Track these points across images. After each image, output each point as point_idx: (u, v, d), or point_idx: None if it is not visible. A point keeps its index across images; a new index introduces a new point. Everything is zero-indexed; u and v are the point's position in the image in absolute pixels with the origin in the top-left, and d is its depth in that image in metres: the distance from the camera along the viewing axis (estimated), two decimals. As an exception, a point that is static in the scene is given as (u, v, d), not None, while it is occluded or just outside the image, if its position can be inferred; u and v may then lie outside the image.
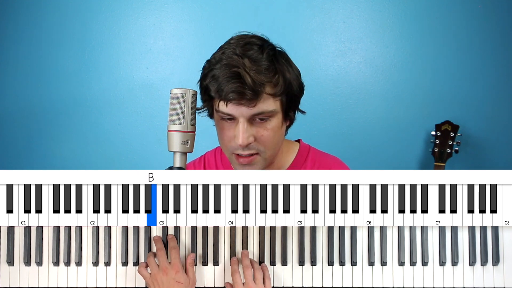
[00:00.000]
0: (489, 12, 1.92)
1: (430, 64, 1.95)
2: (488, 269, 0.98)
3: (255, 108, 1.01)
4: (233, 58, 1.02)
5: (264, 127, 1.04)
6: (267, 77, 1.01)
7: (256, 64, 1.01)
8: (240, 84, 0.99)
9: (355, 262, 0.98)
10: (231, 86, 0.99)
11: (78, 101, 2.03)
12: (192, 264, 0.98)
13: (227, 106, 1.01)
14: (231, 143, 1.06)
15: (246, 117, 1.02)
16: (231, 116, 1.03)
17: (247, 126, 1.03)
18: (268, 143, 1.06)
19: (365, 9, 1.96)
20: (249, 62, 1.01)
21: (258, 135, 1.04)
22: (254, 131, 1.04)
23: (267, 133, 1.05)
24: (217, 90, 1.01)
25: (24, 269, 0.98)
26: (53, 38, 2.02)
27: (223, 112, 1.03)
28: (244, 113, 1.02)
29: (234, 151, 1.07)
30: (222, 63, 1.02)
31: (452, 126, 1.87)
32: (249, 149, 1.05)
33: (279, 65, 1.05)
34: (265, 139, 1.05)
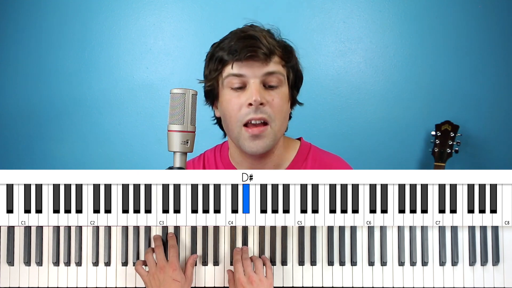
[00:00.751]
0: (489, 12, 1.92)
1: (430, 64, 1.95)
2: (488, 269, 0.98)
3: (268, 66, 1.06)
4: (243, 28, 1.11)
5: (274, 94, 1.08)
6: (278, 44, 1.10)
7: (267, 33, 1.10)
8: (254, 41, 1.05)
9: (355, 262, 0.98)
10: (246, 44, 1.05)
11: (78, 101, 2.03)
12: (192, 264, 0.98)
13: (242, 63, 1.05)
14: (242, 110, 1.07)
15: (259, 77, 1.06)
16: (243, 77, 1.06)
17: (259, 87, 1.06)
18: (278, 111, 1.08)
19: (365, 9, 1.96)
20: (260, 30, 1.10)
21: (269, 99, 1.07)
22: (265, 94, 1.07)
23: (277, 99, 1.08)
24: (230, 51, 1.06)
25: (24, 269, 0.98)
26: (53, 38, 2.02)
27: (235, 73, 1.06)
28: (257, 73, 1.06)
29: (245, 118, 1.07)
30: (233, 33, 1.10)
31: (452, 126, 1.87)
32: (261, 112, 1.06)
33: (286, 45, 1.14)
34: (276, 104, 1.08)
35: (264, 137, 1.08)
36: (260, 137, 1.07)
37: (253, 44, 1.05)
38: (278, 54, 1.09)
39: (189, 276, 0.96)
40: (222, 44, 1.10)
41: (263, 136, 1.07)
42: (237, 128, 1.09)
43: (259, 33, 1.07)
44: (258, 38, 1.05)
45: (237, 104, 1.07)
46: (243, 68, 1.05)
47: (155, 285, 0.93)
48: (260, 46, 1.05)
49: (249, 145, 1.08)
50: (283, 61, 1.10)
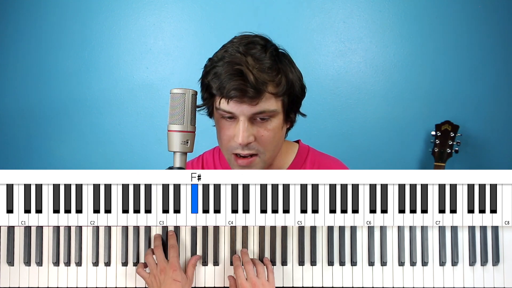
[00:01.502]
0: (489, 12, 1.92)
1: (430, 64, 1.95)
2: (488, 269, 0.98)
3: (256, 106, 1.00)
4: (236, 56, 1.01)
5: (265, 127, 1.04)
6: (270, 76, 1.01)
7: (259, 63, 1.01)
8: (242, 81, 0.98)
9: (355, 262, 0.98)
10: (233, 84, 0.98)
11: (78, 101, 2.03)
12: (194, 264, 0.98)
13: (229, 103, 1.01)
14: (231, 142, 1.05)
15: (247, 115, 1.01)
16: (232, 114, 1.02)
17: (248, 125, 1.02)
18: (268, 144, 1.06)
19: (365, 9, 1.96)
20: (252, 60, 1.00)
21: (259, 135, 1.04)
22: (254, 131, 1.03)
23: (267, 133, 1.04)
24: (218, 88, 1.01)
25: (24, 269, 0.98)
26: (53, 38, 2.02)
27: (224, 110, 1.02)
28: (245, 112, 1.01)
29: (233, 151, 1.06)
30: (225, 61, 1.02)
31: (452, 126, 1.87)
32: (249, 149, 1.04)
33: (282, 65, 1.04)
34: (265, 139, 1.05)
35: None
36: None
37: (239, 85, 0.98)
38: (269, 90, 1.01)
39: (190, 277, 0.96)
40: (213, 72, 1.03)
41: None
42: (227, 154, 1.09)
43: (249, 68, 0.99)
44: (246, 77, 0.98)
45: (226, 135, 1.05)
46: (231, 106, 1.01)
47: (156, 286, 0.93)
48: (247, 88, 0.97)
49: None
50: (275, 95, 1.03)
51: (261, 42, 1.05)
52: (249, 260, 0.96)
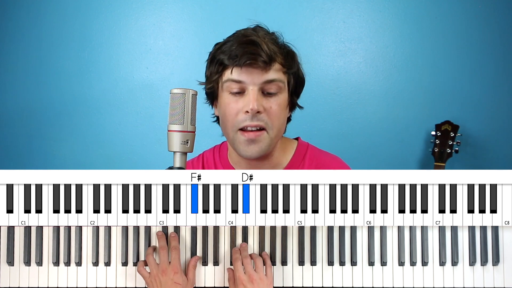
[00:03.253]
0: (489, 12, 1.92)
1: (430, 64, 1.95)
2: (488, 269, 0.98)
3: (267, 74, 1.04)
4: (246, 30, 1.09)
5: (273, 101, 1.07)
6: (280, 49, 1.08)
7: (269, 36, 1.09)
8: (255, 47, 1.03)
9: (355, 262, 0.98)
10: (246, 50, 1.03)
11: (78, 101, 2.03)
12: (194, 266, 0.97)
13: (241, 70, 1.04)
14: (239, 115, 1.06)
15: (257, 84, 1.05)
16: (242, 83, 1.05)
17: (258, 95, 1.05)
18: (275, 118, 1.08)
19: (365, 9, 1.96)
20: (263, 33, 1.08)
21: (267, 106, 1.07)
22: (263, 102, 1.06)
23: (275, 106, 1.07)
24: (231, 56, 1.05)
25: (24, 269, 0.98)
26: (53, 38, 2.02)
27: (234, 79, 1.05)
28: (256, 80, 1.05)
29: (241, 124, 1.07)
30: (235, 35, 1.09)
31: (452, 126, 1.87)
32: (258, 119, 1.06)
33: (288, 47, 1.12)
34: (273, 112, 1.07)
35: (259, 142, 1.08)
36: (255, 141, 1.07)
37: (253, 51, 1.03)
38: (278, 61, 1.07)
39: (191, 279, 0.96)
40: (224, 46, 1.08)
41: (259, 140, 1.08)
42: (232, 132, 1.09)
43: (261, 38, 1.05)
44: (259, 44, 1.04)
45: (234, 109, 1.07)
46: (242, 74, 1.05)
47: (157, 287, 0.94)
48: (260, 53, 1.03)
49: (244, 149, 1.09)
50: (284, 68, 1.08)
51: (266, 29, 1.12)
52: (247, 254, 0.97)
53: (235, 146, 1.11)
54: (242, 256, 0.96)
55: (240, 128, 1.07)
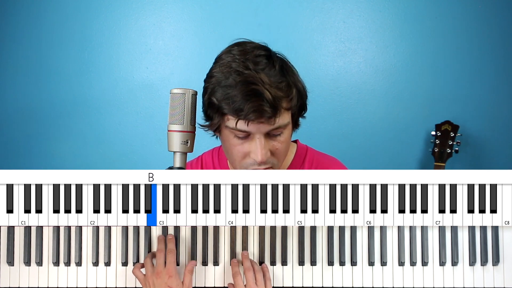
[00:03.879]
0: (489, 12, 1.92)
1: (430, 64, 1.95)
2: (488, 269, 0.98)
3: (274, 124, 0.99)
4: (247, 73, 0.97)
5: (279, 140, 1.03)
6: (284, 92, 0.99)
7: (273, 80, 0.98)
8: (261, 102, 0.95)
9: (355, 262, 0.98)
10: (251, 105, 0.95)
11: (78, 101, 2.03)
12: (191, 271, 0.96)
13: (248, 125, 0.98)
14: (246, 159, 1.04)
15: (263, 132, 1.00)
16: (248, 133, 1.00)
17: (264, 142, 1.01)
18: (282, 155, 1.07)
19: (365, 9, 1.96)
20: (266, 78, 0.97)
21: (274, 148, 1.03)
22: (270, 145, 1.02)
23: (281, 145, 1.04)
24: (234, 110, 0.97)
25: (24, 269, 0.98)
26: (53, 38, 2.02)
27: (240, 130, 0.99)
28: (262, 129, 1.00)
29: (248, 167, 1.05)
30: (237, 80, 0.97)
31: (452, 126, 1.87)
32: (266, 163, 1.03)
33: (289, 77, 1.02)
34: (280, 151, 1.05)
35: None
36: None
37: (257, 107, 0.95)
38: (284, 106, 1.00)
39: (187, 284, 0.95)
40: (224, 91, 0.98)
41: None
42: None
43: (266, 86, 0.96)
44: (263, 97, 0.95)
45: (240, 152, 1.03)
46: (249, 126, 0.99)
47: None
48: (265, 107, 0.95)
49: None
50: (288, 109, 1.02)
51: (264, 54, 1.02)
52: (249, 266, 0.96)
53: None
54: (244, 267, 0.96)
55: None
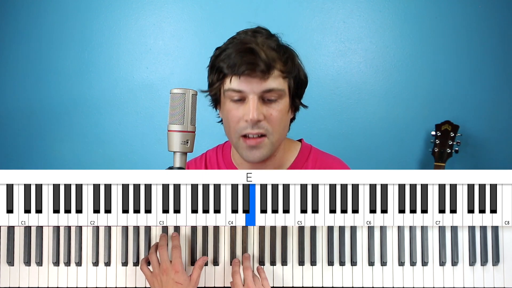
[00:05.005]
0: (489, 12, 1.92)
1: (430, 64, 1.95)
2: (488, 269, 0.98)
3: (266, 83, 1.04)
4: (245, 37, 1.08)
5: (273, 108, 1.07)
6: (279, 54, 1.07)
7: (268, 42, 1.07)
8: (253, 56, 1.02)
9: (355, 262, 0.98)
10: (244, 59, 1.03)
11: (78, 101, 2.03)
12: (201, 266, 0.97)
13: (240, 79, 1.03)
14: (240, 123, 1.07)
15: (257, 93, 1.04)
16: (241, 94, 1.05)
17: (258, 103, 1.05)
18: (276, 124, 1.08)
19: (365, 9, 1.96)
20: (262, 40, 1.07)
21: (268, 114, 1.06)
22: (264, 110, 1.06)
23: (275, 113, 1.07)
24: (229, 65, 1.04)
25: (24, 269, 0.98)
26: (53, 38, 2.02)
27: (234, 89, 1.05)
28: (255, 89, 1.04)
29: (242, 132, 1.07)
30: (234, 42, 1.07)
31: (452, 126, 1.87)
32: (258, 127, 1.06)
33: (287, 50, 1.11)
34: (274, 119, 1.07)
35: (261, 148, 1.09)
36: (257, 147, 1.08)
37: (251, 60, 1.02)
38: (278, 68, 1.06)
39: (195, 279, 0.96)
40: (223, 53, 1.07)
41: (260, 147, 1.08)
42: (235, 138, 1.10)
43: (259, 46, 1.04)
44: (257, 53, 1.03)
45: (235, 117, 1.07)
46: (241, 83, 1.04)
47: (158, 286, 0.94)
48: (258, 62, 1.02)
49: (247, 154, 1.10)
50: (283, 74, 1.08)
51: (266, 30, 1.11)
52: (249, 265, 0.97)
53: (239, 151, 1.12)
54: (244, 266, 0.96)
55: (242, 135, 1.08)
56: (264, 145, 1.08)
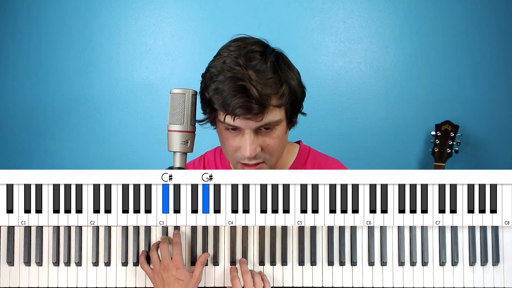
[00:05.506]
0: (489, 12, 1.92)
1: (430, 64, 1.95)
2: (488, 269, 0.98)
3: (262, 120, 0.99)
4: (237, 70, 0.97)
5: (270, 136, 1.03)
6: (273, 89, 0.98)
7: (261, 76, 0.98)
8: (247, 98, 0.95)
9: (355, 262, 0.98)
10: (237, 101, 0.95)
11: (78, 101, 2.03)
12: (203, 263, 0.97)
13: (234, 120, 0.98)
14: (237, 153, 1.04)
15: (253, 128, 1.00)
16: (237, 128, 1.01)
17: (254, 137, 1.01)
18: (274, 151, 1.06)
19: (365, 9, 1.96)
20: (255, 74, 0.97)
21: (265, 144, 1.03)
22: (260, 141, 1.02)
23: (273, 141, 1.03)
24: (222, 105, 0.98)
25: (24, 269, 0.98)
26: (53, 38, 2.02)
27: (229, 124, 1.00)
28: (251, 125, 0.99)
29: (240, 161, 1.05)
30: (226, 76, 0.98)
31: (452, 126, 1.87)
32: (256, 159, 1.03)
33: (282, 74, 1.01)
34: (271, 147, 1.04)
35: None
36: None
37: (244, 102, 0.95)
38: (273, 103, 0.99)
39: (197, 275, 0.96)
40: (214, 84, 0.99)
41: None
42: (232, 162, 1.09)
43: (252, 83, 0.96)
44: (250, 93, 0.95)
45: (232, 146, 1.04)
46: (236, 121, 0.99)
47: (160, 283, 0.94)
48: (252, 105, 0.95)
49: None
50: (279, 106, 1.01)
51: (259, 50, 1.01)
52: (247, 269, 0.96)
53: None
54: (242, 271, 0.96)
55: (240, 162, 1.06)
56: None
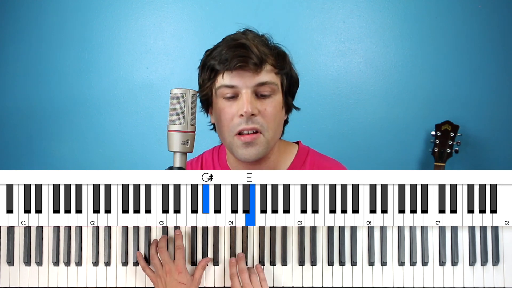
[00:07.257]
0: (489, 12, 1.92)
1: (430, 64, 1.95)
2: (488, 269, 0.98)
3: (259, 76, 1.04)
4: (235, 35, 1.09)
5: (267, 103, 1.07)
6: (271, 50, 1.08)
7: (259, 38, 1.09)
8: (245, 50, 1.03)
9: (355, 262, 0.98)
10: (236, 53, 1.03)
11: (78, 101, 2.03)
12: (204, 267, 0.97)
13: (232, 73, 1.04)
14: (234, 120, 1.06)
15: (250, 87, 1.05)
16: (234, 88, 1.05)
17: (251, 98, 1.05)
18: (271, 120, 1.07)
19: (365, 9, 1.96)
20: (252, 36, 1.08)
21: (261, 108, 1.06)
22: (257, 105, 1.06)
23: (269, 108, 1.07)
24: (221, 61, 1.05)
25: (24, 269, 0.98)
26: (53, 38, 2.02)
27: (227, 84, 1.05)
28: (248, 83, 1.04)
29: (237, 128, 1.06)
30: (225, 40, 1.09)
31: (452, 126, 1.87)
32: (253, 122, 1.05)
33: (278, 47, 1.12)
34: (268, 114, 1.07)
35: (256, 145, 1.07)
36: (252, 144, 1.07)
37: (243, 53, 1.03)
38: (270, 62, 1.07)
39: (197, 278, 0.96)
40: (214, 52, 1.08)
41: (255, 143, 1.07)
42: (229, 137, 1.09)
43: (250, 41, 1.05)
44: (248, 47, 1.03)
45: (229, 114, 1.06)
46: (234, 78, 1.04)
47: (162, 287, 0.94)
48: (251, 55, 1.03)
49: (242, 152, 1.08)
50: (275, 69, 1.08)
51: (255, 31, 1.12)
52: (244, 267, 0.97)
53: (233, 150, 1.10)
54: (239, 268, 0.96)
55: (236, 132, 1.07)
56: (260, 142, 1.07)
